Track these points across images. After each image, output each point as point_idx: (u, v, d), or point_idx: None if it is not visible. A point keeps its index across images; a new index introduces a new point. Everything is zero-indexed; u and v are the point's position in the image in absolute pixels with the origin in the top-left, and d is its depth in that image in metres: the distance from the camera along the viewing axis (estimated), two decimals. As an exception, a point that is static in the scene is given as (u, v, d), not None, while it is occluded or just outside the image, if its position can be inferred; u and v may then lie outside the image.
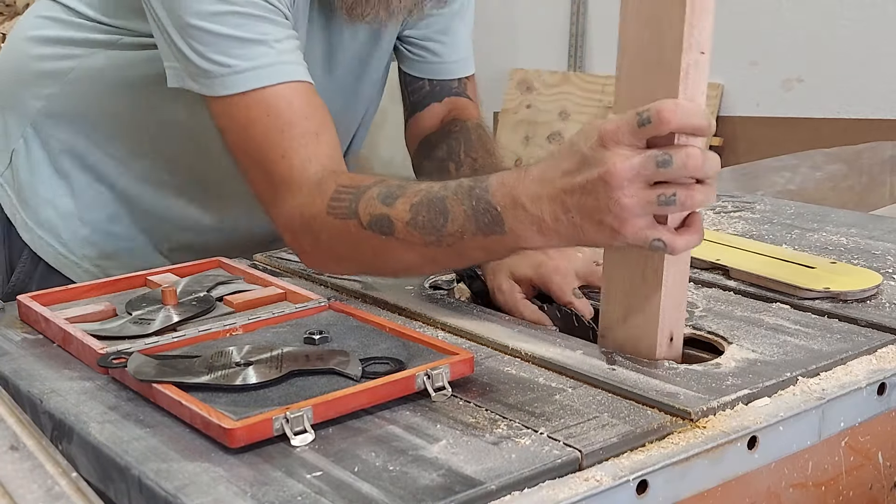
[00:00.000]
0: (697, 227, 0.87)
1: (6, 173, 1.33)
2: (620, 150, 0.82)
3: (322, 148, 1.06)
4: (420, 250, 0.97)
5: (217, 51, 1.04)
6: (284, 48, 1.06)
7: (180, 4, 1.04)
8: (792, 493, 0.83)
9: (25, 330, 1.02)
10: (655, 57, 0.84)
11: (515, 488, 0.70)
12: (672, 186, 0.82)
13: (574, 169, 0.85)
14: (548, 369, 0.89)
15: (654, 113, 0.81)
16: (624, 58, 0.87)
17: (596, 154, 0.83)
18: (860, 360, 0.91)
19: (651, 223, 0.84)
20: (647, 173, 0.82)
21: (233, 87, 1.05)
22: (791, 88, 3.01)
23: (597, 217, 0.84)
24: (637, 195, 0.82)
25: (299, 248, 1.07)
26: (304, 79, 1.07)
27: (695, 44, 0.83)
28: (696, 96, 0.84)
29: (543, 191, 0.87)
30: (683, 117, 0.81)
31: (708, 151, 0.83)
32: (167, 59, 1.10)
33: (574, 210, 0.85)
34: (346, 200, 1.00)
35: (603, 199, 0.83)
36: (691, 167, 0.82)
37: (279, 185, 1.05)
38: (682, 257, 0.90)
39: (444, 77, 1.36)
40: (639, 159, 0.82)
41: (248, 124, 1.05)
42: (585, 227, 0.86)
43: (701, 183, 0.83)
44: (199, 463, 0.74)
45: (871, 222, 1.36)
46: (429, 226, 0.95)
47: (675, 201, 0.82)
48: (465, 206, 0.93)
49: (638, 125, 0.82)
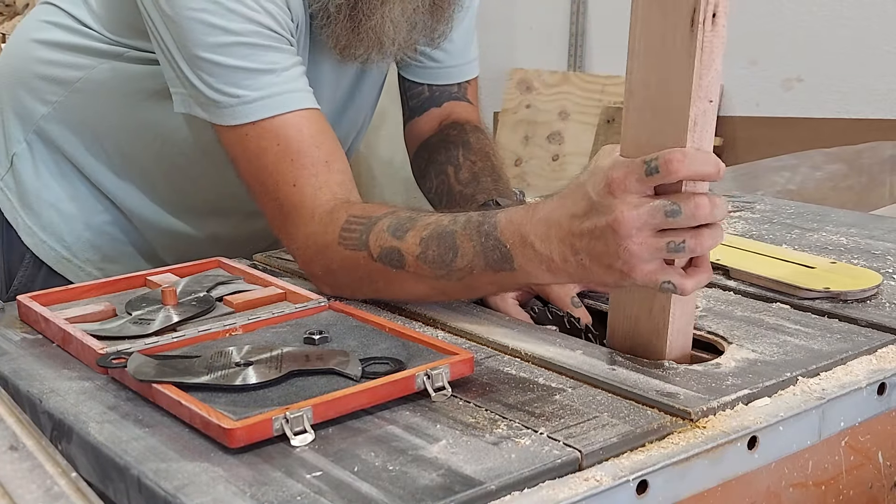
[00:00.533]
0: (706, 267, 0.87)
1: (6, 177, 1.33)
2: (628, 199, 0.82)
3: (333, 176, 1.06)
4: (430, 283, 0.97)
5: (226, 82, 1.05)
6: (291, 76, 1.07)
7: (188, 36, 1.04)
8: (792, 492, 0.83)
9: (25, 330, 1.01)
10: (663, 103, 0.83)
11: (515, 488, 0.70)
12: (681, 233, 0.82)
13: (582, 214, 0.85)
14: (548, 369, 0.89)
15: (662, 163, 0.81)
16: (632, 100, 0.86)
17: (604, 201, 0.83)
18: (860, 360, 0.91)
19: (660, 266, 0.84)
20: (655, 222, 0.82)
21: (243, 118, 1.05)
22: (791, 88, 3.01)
23: (606, 261, 0.84)
24: (646, 242, 0.82)
25: (311, 273, 1.07)
26: (312, 106, 1.08)
27: (703, 94, 0.81)
28: (704, 143, 0.83)
29: (552, 231, 0.88)
30: (692, 166, 0.81)
31: (715, 197, 0.82)
32: (173, 84, 1.10)
33: (583, 253, 0.86)
34: (357, 231, 1.00)
35: (612, 246, 0.83)
36: (700, 216, 0.82)
37: (290, 213, 1.06)
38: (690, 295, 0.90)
39: (443, 82, 1.36)
40: (647, 209, 0.82)
41: (259, 153, 1.06)
42: (594, 270, 0.86)
43: (708, 227, 0.83)
44: (199, 463, 0.74)
45: (871, 222, 1.36)
46: (438, 260, 0.95)
47: (685, 248, 0.82)
48: (474, 243, 0.93)
49: (646, 174, 0.82)
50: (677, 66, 0.81)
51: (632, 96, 0.86)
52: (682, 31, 0.80)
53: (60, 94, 1.27)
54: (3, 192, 1.34)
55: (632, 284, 0.86)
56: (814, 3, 2.95)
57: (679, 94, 0.82)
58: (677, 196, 0.82)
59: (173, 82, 1.10)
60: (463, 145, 1.29)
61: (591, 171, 0.86)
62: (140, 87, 1.22)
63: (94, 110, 1.26)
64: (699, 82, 0.81)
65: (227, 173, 1.14)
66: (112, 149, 1.28)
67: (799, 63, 2.99)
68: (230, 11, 1.03)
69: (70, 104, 1.27)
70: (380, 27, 1.12)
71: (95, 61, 1.24)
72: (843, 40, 2.91)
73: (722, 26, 0.80)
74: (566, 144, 3.36)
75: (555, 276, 0.90)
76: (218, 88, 1.05)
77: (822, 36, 2.94)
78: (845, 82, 2.93)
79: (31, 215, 1.32)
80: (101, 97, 1.25)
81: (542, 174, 3.38)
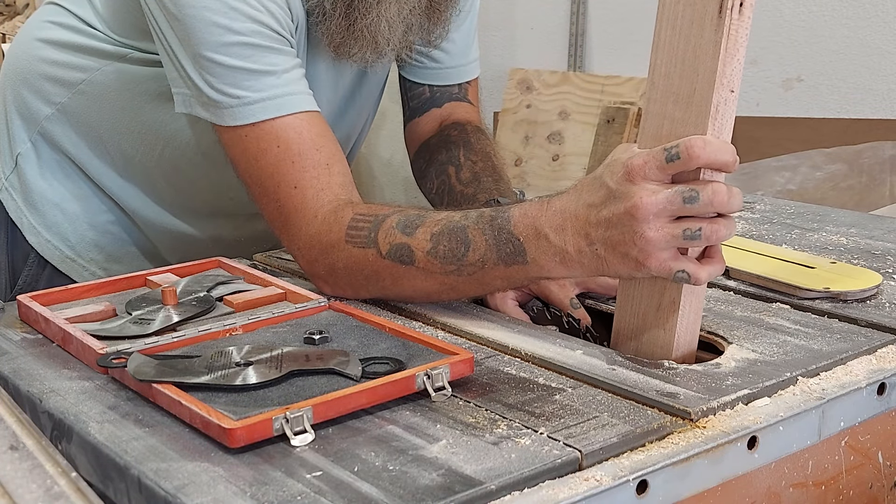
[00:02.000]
0: (720, 258, 0.87)
1: (11, 177, 1.33)
2: (647, 185, 0.83)
3: (334, 178, 1.06)
4: (440, 279, 0.97)
5: (227, 82, 1.05)
6: (292, 77, 1.07)
7: (191, 34, 1.04)
8: (792, 492, 0.83)
9: (25, 330, 1.02)
10: (686, 92, 0.85)
11: (515, 488, 0.70)
12: (697, 221, 0.83)
13: (600, 202, 0.86)
14: (548, 369, 0.89)
15: (682, 149, 0.82)
16: (653, 91, 0.87)
17: (622, 188, 0.84)
18: (860, 360, 0.91)
19: (675, 255, 0.85)
20: (673, 208, 0.83)
21: (243, 119, 1.05)
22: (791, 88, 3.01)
23: (622, 250, 0.85)
24: (663, 229, 0.83)
25: (315, 274, 1.07)
26: (311, 108, 1.08)
27: (726, 82, 0.83)
28: (724, 133, 0.85)
29: (567, 222, 0.88)
30: (712, 154, 0.82)
31: (732, 187, 0.84)
32: (175, 84, 1.10)
33: (598, 243, 0.86)
34: (365, 229, 1.00)
35: (628, 233, 0.84)
36: (717, 203, 0.83)
37: (292, 215, 1.06)
38: (699, 288, 0.90)
39: (444, 83, 1.36)
40: (665, 194, 0.83)
41: (258, 155, 1.06)
42: (610, 260, 0.86)
43: (723, 217, 0.84)
44: (199, 463, 0.74)
45: (871, 222, 1.36)
46: (450, 255, 0.95)
47: (701, 236, 0.83)
48: (486, 237, 0.93)
49: (666, 161, 0.83)
50: (703, 54, 0.83)
51: (654, 87, 0.87)
52: (710, 17, 0.83)
53: (64, 95, 1.27)
54: (8, 191, 1.34)
55: (646, 274, 0.86)
56: (814, 3, 2.95)
57: (702, 82, 0.84)
58: (695, 183, 0.83)
59: (175, 82, 1.10)
60: (464, 145, 1.29)
61: (607, 163, 0.87)
62: (143, 89, 1.22)
63: (97, 112, 1.26)
64: (723, 69, 0.83)
65: (228, 176, 1.14)
66: (115, 150, 1.28)
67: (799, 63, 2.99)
68: (233, 10, 1.03)
69: (74, 106, 1.27)
70: (375, 26, 1.13)
71: (99, 63, 1.24)
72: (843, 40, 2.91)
73: (748, 17, 0.83)
74: (566, 144, 3.36)
75: (567, 269, 0.90)
76: (219, 89, 1.05)
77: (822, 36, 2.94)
78: (845, 82, 2.93)
79: (36, 215, 1.32)
80: (104, 99, 1.25)
81: (542, 174, 3.38)
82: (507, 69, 3.54)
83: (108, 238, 1.33)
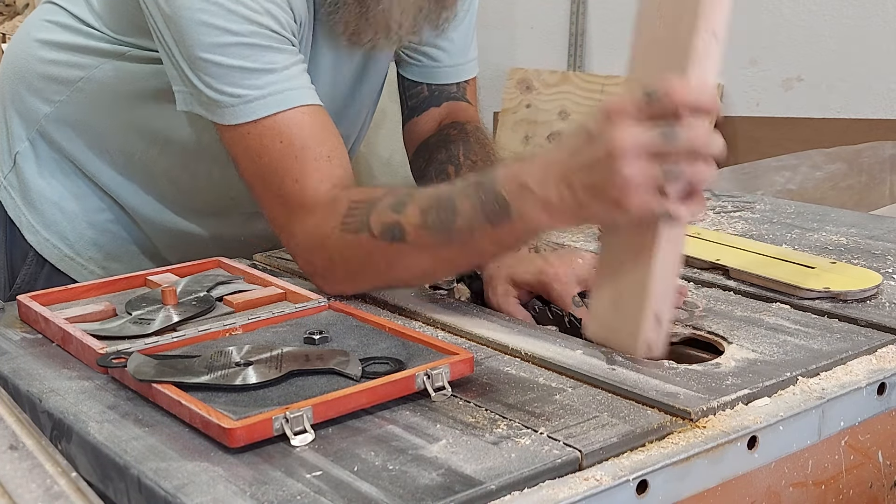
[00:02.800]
0: (701, 198, 0.86)
1: (10, 176, 1.33)
2: (626, 124, 0.82)
3: (335, 170, 1.06)
4: (432, 252, 0.97)
5: (226, 82, 1.05)
6: (292, 73, 1.07)
7: (187, 36, 1.04)
8: (792, 492, 0.83)
9: (25, 329, 1.01)
10: (670, 38, 0.85)
11: (515, 488, 0.70)
12: (678, 159, 0.82)
13: (580, 146, 0.86)
14: (548, 369, 0.89)
15: (662, 90, 0.81)
16: (639, 39, 0.88)
17: (602, 129, 0.84)
18: (860, 359, 0.91)
19: (655, 196, 0.83)
20: (652, 145, 0.82)
21: (243, 117, 1.05)
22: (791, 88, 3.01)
23: (602, 192, 0.84)
24: (643, 168, 0.82)
25: (312, 269, 1.07)
26: (313, 102, 1.08)
27: (709, 27, 0.83)
28: (705, 79, 0.84)
29: (550, 171, 0.88)
30: (692, 95, 0.81)
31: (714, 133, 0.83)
32: (176, 83, 1.10)
33: (579, 188, 0.86)
34: (359, 214, 1.01)
35: (608, 174, 0.83)
36: (697, 142, 0.82)
37: (294, 209, 1.06)
38: (676, 241, 0.89)
39: (442, 81, 1.36)
40: (644, 131, 0.82)
41: (261, 152, 1.06)
42: (591, 204, 0.86)
43: (704, 159, 0.83)
44: (199, 462, 0.74)
45: (871, 222, 1.36)
46: (439, 225, 0.95)
47: (681, 175, 0.82)
48: (472, 201, 0.93)
49: (645, 102, 0.82)
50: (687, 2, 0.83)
51: (639, 35, 0.88)
52: None
53: (63, 93, 1.27)
54: (7, 190, 1.34)
55: (627, 217, 0.84)
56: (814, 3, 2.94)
57: (686, 27, 0.83)
58: (675, 122, 0.82)
59: (175, 80, 1.10)
60: (463, 144, 1.29)
61: (591, 112, 0.87)
62: (142, 87, 1.22)
63: (96, 110, 1.26)
64: (707, 13, 0.83)
65: (228, 174, 1.14)
66: (114, 148, 1.28)
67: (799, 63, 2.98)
68: (230, 12, 1.03)
69: (72, 104, 1.27)
70: (388, 11, 1.13)
71: (97, 61, 1.24)
72: (843, 40, 2.91)
73: None
74: (566, 144, 3.36)
75: (552, 219, 0.89)
76: (218, 88, 1.05)
77: (822, 36, 2.94)
78: (845, 82, 2.93)
79: (35, 213, 1.32)
80: (103, 97, 1.25)
81: (542, 174, 3.37)
82: (506, 69, 3.54)
83: (106, 237, 1.33)
